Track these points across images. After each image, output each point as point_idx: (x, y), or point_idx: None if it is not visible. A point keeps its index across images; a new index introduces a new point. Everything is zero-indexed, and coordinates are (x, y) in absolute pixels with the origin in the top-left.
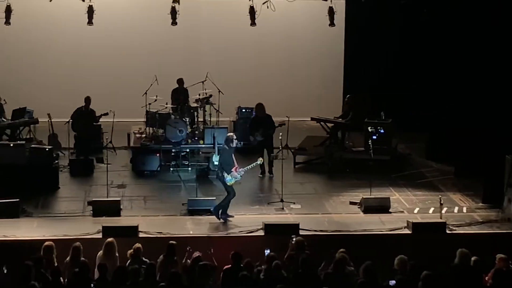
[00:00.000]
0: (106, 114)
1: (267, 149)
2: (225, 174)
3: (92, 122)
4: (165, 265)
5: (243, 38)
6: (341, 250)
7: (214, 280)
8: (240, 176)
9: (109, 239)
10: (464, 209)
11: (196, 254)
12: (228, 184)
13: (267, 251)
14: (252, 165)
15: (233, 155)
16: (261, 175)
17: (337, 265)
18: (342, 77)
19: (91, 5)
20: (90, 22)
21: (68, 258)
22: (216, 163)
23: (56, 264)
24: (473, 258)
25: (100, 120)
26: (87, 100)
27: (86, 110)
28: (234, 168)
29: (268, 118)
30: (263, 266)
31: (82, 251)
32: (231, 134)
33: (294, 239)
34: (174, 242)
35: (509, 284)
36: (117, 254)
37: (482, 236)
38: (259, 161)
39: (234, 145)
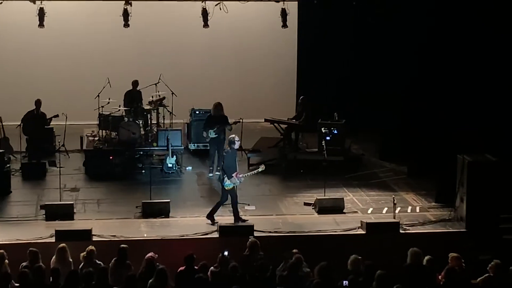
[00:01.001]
0: (57, 116)
1: (218, 147)
2: (225, 178)
3: (43, 125)
4: (117, 269)
5: (196, 40)
6: (295, 250)
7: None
8: (240, 181)
9: (61, 245)
10: (417, 209)
11: (150, 254)
12: (225, 188)
13: (226, 253)
14: (253, 172)
15: (236, 159)
16: (211, 174)
17: (292, 267)
18: (296, 78)
19: (42, 7)
20: (41, 25)
21: (26, 263)
22: (170, 165)
23: (8, 270)
24: (426, 257)
25: (53, 123)
26: (38, 103)
27: (37, 113)
28: (235, 173)
29: (223, 118)
30: (218, 268)
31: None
32: (233, 135)
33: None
34: (125, 245)
35: (461, 282)
36: (70, 260)
37: (435, 235)
38: (261, 168)
39: (237, 146)
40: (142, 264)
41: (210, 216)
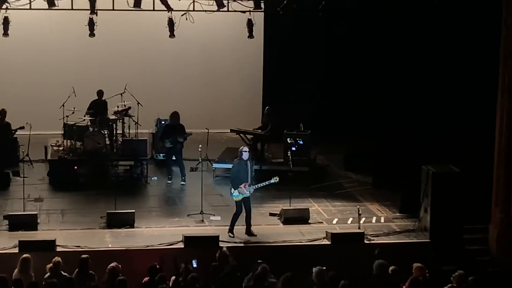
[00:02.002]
0: (22, 127)
1: (176, 156)
2: (232, 189)
3: (8, 135)
4: (81, 280)
5: (162, 50)
6: (259, 261)
7: None
8: (249, 192)
9: (25, 255)
10: (382, 219)
11: (113, 264)
12: (234, 199)
13: (194, 262)
14: (265, 183)
15: (248, 169)
16: (169, 181)
17: (258, 277)
18: (261, 88)
19: (7, 16)
20: (5, 34)
21: None
22: (135, 175)
23: None
24: (391, 268)
25: (17, 133)
26: (2, 112)
27: (2, 123)
28: (244, 184)
29: (180, 127)
30: (180, 279)
31: None
32: (242, 147)
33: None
34: (86, 256)
35: None
36: (31, 273)
37: (400, 245)
38: (274, 179)
39: (246, 158)
40: (105, 274)
41: (231, 231)
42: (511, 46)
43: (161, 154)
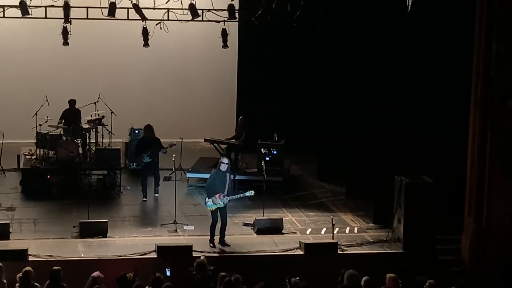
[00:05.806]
0: None
1: (154, 171)
2: (206, 198)
3: None
4: None
5: (136, 59)
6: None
7: None
8: (224, 203)
9: None
10: (356, 230)
11: (96, 274)
12: (208, 209)
13: (168, 271)
14: (240, 195)
15: (226, 180)
16: (145, 199)
17: (229, 286)
18: (236, 98)
19: None
20: None
21: None
22: (108, 185)
23: None
24: (364, 278)
25: None
26: None
27: None
28: (219, 194)
29: (156, 140)
30: None
31: None
32: (222, 158)
33: None
34: (57, 267)
35: None
36: (4, 281)
37: (373, 256)
38: (249, 193)
39: (224, 169)
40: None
41: (211, 241)
42: (484, 57)
43: (134, 164)
